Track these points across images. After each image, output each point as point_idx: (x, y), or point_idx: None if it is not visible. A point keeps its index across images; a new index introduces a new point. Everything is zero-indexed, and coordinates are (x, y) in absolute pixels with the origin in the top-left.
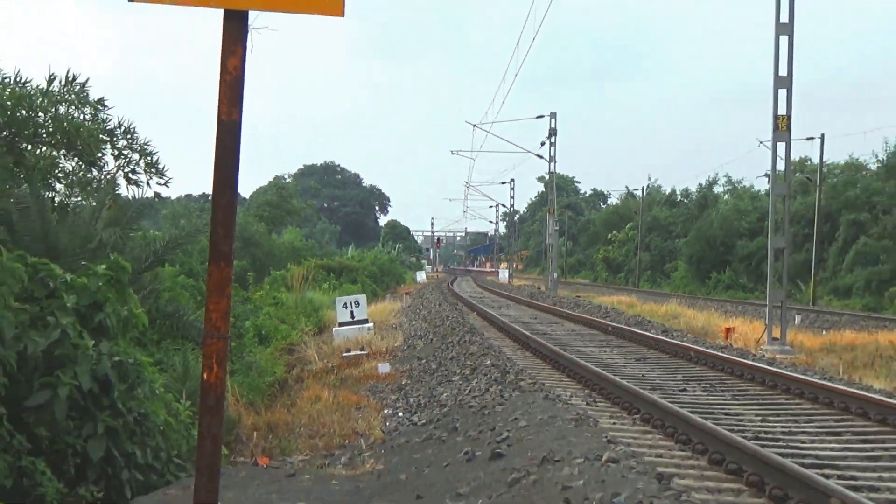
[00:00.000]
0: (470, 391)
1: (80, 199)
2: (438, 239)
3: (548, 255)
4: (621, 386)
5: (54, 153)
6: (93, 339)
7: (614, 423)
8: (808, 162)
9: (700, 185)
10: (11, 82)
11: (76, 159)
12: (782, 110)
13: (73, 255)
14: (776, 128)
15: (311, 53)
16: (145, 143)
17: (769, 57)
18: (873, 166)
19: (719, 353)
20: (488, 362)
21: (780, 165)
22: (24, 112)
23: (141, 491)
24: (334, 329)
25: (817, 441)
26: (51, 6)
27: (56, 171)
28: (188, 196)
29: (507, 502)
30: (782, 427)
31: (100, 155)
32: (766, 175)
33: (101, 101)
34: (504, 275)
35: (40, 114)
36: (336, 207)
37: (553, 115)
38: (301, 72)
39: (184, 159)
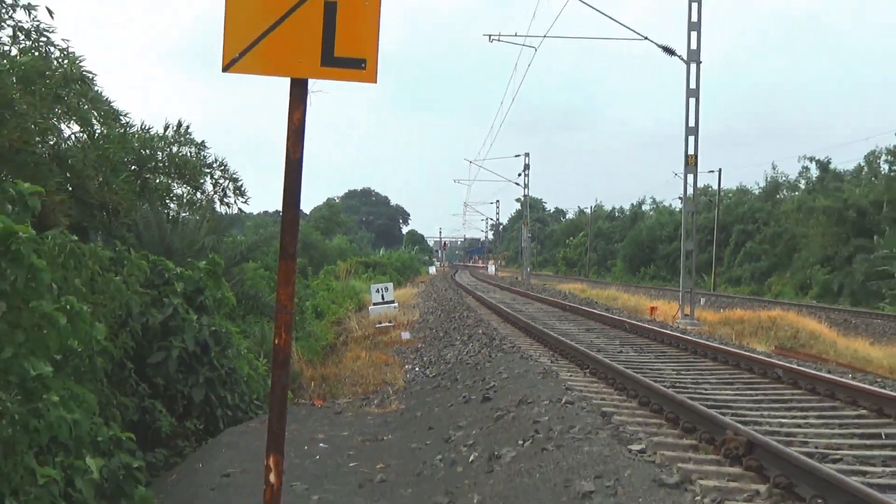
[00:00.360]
0: (467, 352)
1: (187, 214)
2: (444, 243)
3: (523, 255)
4: (575, 348)
5: (169, 181)
6: (196, 315)
7: (570, 376)
8: (710, 188)
9: (632, 204)
10: (139, 130)
11: (185, 185)
12: (691, 151)
13: (183, 255)
14: (687, 164)
15: (354, 108)
16: (234, 173)
17: (682, 112)
18: (756, 191)
19: (646, 325)
20: (480, 331)
21: (690, 191)
22: (147, 151)
23: (230, 424)
24: (370, 307)
25: (717, 389)
26: (169, 79)
27: (170, 194)
28: (265, 212)
29: (493, 432)
30: (691, 378)
31: (201, 182)
32: (680, 198)
33: (202, 143)
34: (492, 269)
35: (158, 152)
36: (371, 220)
37: (527, 155)
38: (347, 120)
39: (262, 184)
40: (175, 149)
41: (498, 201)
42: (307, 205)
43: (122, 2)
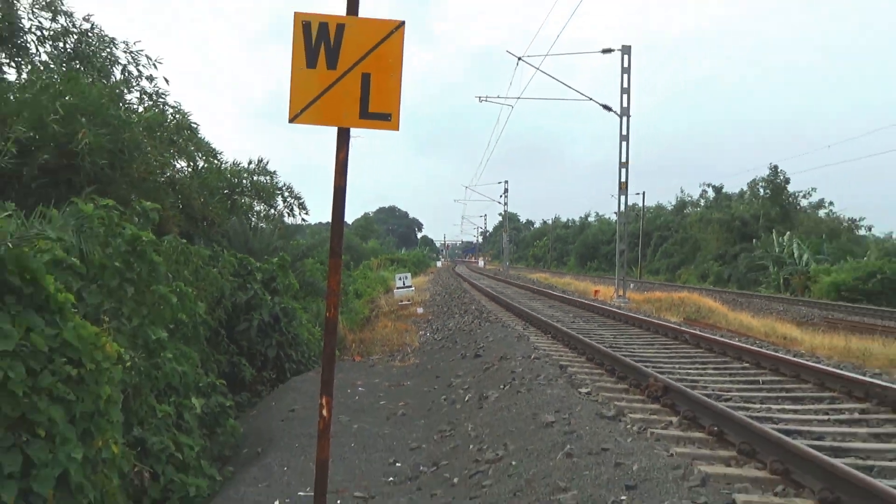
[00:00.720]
0: (464, 322)
1: (264, 224)
2: (447, 244)
3: (503, 253)
4: (541, 319)
5: (251, 201)
6: (270, 296)
7: (538, 339)
8: (637, 205)
9: (581, 217)
10: (230, 164)
11: (262, 203)
12: (623, 180)
13: (261, 253)
14: (620, 188)
15: (384, 148)
16: (298, 194)
17: (616, 150)
18: (669, 207)
19: (591, 303)
20: (473, 307)
21: (623, 208)
22: (235, 179)
23: (294, 374)
24: (394, 290)
25: (642, 348)
26: (252, 127)
27: (252, 210)
28: (319, 222)
29: (483, 379)
30: (624, 341)
31: (274, 201)
32: (616, 213)
33: (274, 172)
34: (481, 263)
35: (244, 180)
36: (395, 228)
37: (506, 182)
38: (379, 156)
39: (318, 202)
40: (256, 177)
41: (486, 215)
42: (349, 217)
43: (221, 74)
